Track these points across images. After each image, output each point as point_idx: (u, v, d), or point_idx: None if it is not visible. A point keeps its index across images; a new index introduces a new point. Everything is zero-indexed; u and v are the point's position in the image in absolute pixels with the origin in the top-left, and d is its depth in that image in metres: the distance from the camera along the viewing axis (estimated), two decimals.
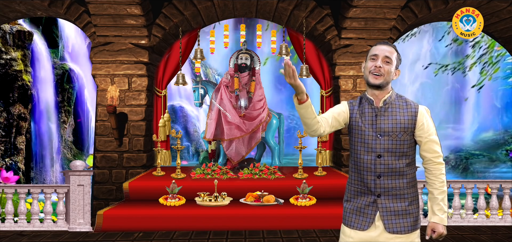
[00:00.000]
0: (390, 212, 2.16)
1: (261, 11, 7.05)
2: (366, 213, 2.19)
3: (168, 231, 5.17)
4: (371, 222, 2.17)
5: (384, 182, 2.16)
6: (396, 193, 2.17)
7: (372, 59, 2.20)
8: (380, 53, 2.18)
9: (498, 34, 7.53)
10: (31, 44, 10.24)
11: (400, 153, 2.17)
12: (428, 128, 2.20)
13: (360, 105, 2.26)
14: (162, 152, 6.84)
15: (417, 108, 2.21)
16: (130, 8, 6.16)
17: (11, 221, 5.39)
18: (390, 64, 2.19)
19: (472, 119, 15.31)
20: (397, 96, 2.24)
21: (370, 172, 2.18)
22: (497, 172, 13.18)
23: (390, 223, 2.15)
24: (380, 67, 2.16)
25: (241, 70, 6.95)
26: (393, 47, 2.23)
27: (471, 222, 5.53)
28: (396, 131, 2.16)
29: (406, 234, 2.16)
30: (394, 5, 6.28)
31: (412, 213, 2.19)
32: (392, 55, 2.19)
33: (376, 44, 2.26)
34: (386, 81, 2.18)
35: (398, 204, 2.17)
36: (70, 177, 5.36)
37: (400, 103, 2.21)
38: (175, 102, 14.29)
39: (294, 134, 8.31)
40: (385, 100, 2.20)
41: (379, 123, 2.17)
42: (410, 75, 16.25)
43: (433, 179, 2.23)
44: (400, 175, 2.17)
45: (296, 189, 5.65)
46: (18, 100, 9.70)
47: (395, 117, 2.17)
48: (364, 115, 2.22)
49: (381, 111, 2.19)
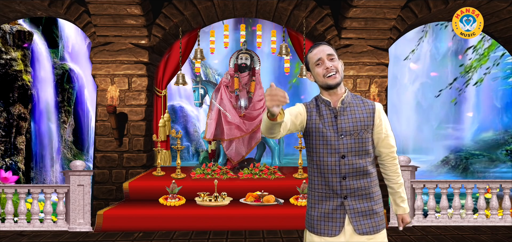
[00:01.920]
0: (358, 213, 2.14)
1: (261, 11, 7.05)
2: (335, 218, 2.14)
3: (168, 231, 5.17)
4: (341, 226, 2.13)
5: (349, 183, 2.14)
6: (362, 193, 2.15)
7: (317, 65, 2.18)
8: (322, 54, 2.16)
9: (498, 34, 7.53)
10: (31, 44, 10.24)
11: (363, 152, 2.15)
12: (385, 124, 2.21)
13: (317, 108, 2.22)
14: (162, 152, 6.84)
15: (374, 105, 2.21)
16: (130, 8, 6.16)
17: (11, 221, 5.39)
18: (335, 59, 2.18)
19: (472, 119, 15.30)
20: (352, 95, 2.24)
21: (335, 174, 2.14)
22: (497, 172, 13.18)
23: (359, 224, 2.13)
24: (331, 67, 2.15)
25: (241, 70, 6.95)
26: (327, 43, 2.22)
27: (471, 222, 5.53)
28: (357, 130, 2.14)
29: (375, 234, 2.14)
30: (394, 5, 6.27)
31: (378, 212, 2.18)
32: (331, 50, 2.19)
33: (310, 50, 2.23)
34: (341, 77, 2.17)
35: (364, 204, 2.15)
36: (70, 177, 5.36)
37: (357, 102, 2.21)
38: (175, 102, 14.29)
39: (294, 134, 8.29)
40: (343, 100, 2.18)
41: (339, 123, 2.15)
42: (410, 75, 16.25)
43: (390, 174, 2.28)
44: (364, 174, 2.16)
45: (296, 189, 5.65)
46: (18, 100, 9.70)
47: (355, 116, 2.16)
48: (323, 117, 2.18)
49: (340, 111, 2.17)
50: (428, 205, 5.59)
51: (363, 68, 6.73)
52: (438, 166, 14.19)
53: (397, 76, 15.77)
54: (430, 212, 5.56)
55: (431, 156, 14.47)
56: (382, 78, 6.79)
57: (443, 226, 5.44)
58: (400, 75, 15.96)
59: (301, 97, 16.28)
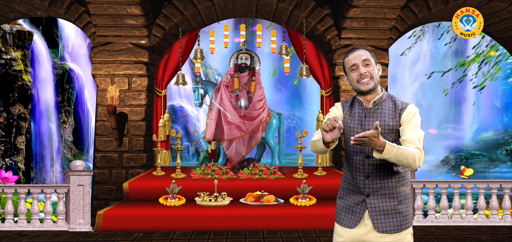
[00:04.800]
0: (378, 212, 2.17)
1: (261, 11, 7.05)
2: (355, 212, 2.22)
3: (168, 231, 5.17)
4: (359, 220, 2.20)
5: (372, 183, 2.18)
6: (385, 192, 2.18)
7: (352, 70, 2.21)
8: (357, 60, 2.19)
9: (498, 34, 7.53)
10: (31, 44, 10.24)
11: None
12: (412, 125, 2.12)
13: (352, 106, 2.29)
14: (162, 152, 6.84)
15: (405, 107, 2.20)
16: (130, 8, 6.16)
17: (11, 221, 5.39)
18: (371, 65, 2.20)
19: (472, 119, 15.30)
20: (388, 97, 2.24)
21: (359, 172, 2.20)
22: (497, 172, 13.19)
23: (379, 222, 2.16)
24: (365, 73, 2.18)
25: (241, 70, 6.95)
26: (364, 48, 2.24)
27: (471, 222, 5.53)
28: (384, 132, 2.16)
29: (395, 233, 2.16)
30: (394, 5, 6.28)
31: (401, 212, 2.18)
32: (368, 55, 2.21)
33: (347, 55, 2.25)
34: (375, 82, 2.19)
35: (387, 203, 2.17)
36: (70, 177, 5.36)
37: (390, 104, 2.22)
38: (175, 102, 14.29)
39: (294, 134, 8.30)
40: (375, 101, 2.21)
41: (367, 124, 2.19)
42: (410, 75, 16.24)
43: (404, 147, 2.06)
44: (388, 174, 2.18)
45: (296, 189, 5.65)
46: (18, 100, 9.70)
47: (384, 118, 2.18)
48: (354, 115, 2.24)
49: (370, 112, 2.20)
50: (428, 205, 5.59)
51: None
52: (438, 166, 14.19)
53: (397, 76, 15.77)
54: (430, 212, 5.56)
55: (431, 156, 14.46)
56: (382, 78, 6.79)
57: (443, 226, 5.44)
58: (400, 75, 15.96)
59: (302, 97, 16.32)
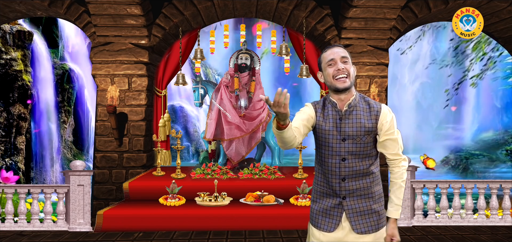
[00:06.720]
0: (356, 213, 2.16)
1: (261, 11, 7.05)
2: (332, 215, 2.18)
3: (168, 231, 5.17)
4: (337, 223, 2.17)
5: (348, 185, 2.16)
6: (360, 193, 2.17)
7: (329, 65, 2.17)
8: (336, 56, 2.16)
9: (498, 34, 7.53)
10: (31, 44, 10.24)
11: (364, 155, 2.16)
12: (389, 128, 2.15)
13: (324, 108, 2.22)
14: (162, 152, 6.84)
15: (380, 108, 2.18)
16: (130, 8, 6.16)
17: (11, 221, 5.39)
18: (348, 63, 2.17)
19: (472, 119, 15.30)
20: (360, 98, 2.21)
21: (335, 175, 2.17)
22: (497, 172, 13.18)
23: (357, 223, 2.15)
24: (342, 69, 2.14)
25: (241, 70, 6.95)
26: (341, 46, 2.23)
27: (471, 222, 5.53)
28: (361, 134, 2.13)
29: (373, 233, 2.15)
30: (394, 5, 6.27)
31: (377, 211, 2.18)
32: (346, 53, 2.19)
33: (324, 51, 2.23)
34: (351, 82, 2.16)
35: (363, 204, 2.16)
36: (70, 177, 5.36)
37: (364, 106, 2.18)
38: (175, 102, 14.29)
39: None
40: (349, 104, 2.16)
41: (343, 127, 2.15)
42: (410, 75, 16.24)
43: (392, 176, 2.22)
44: (363, 175, 2.17)
45: (296, 189, 5.65)
46: (18, 100, 9.70)
47: (359, 121, 2.15)
48: (328, 118, 2.18)
49: (346, 114, 2.16)
50: (428, 205, 5.59)
51: (363, 68, 6.73)
52: (438, 166, 14.19)
53: (397, 76, 15.77)
54: (430, 212, 5.56)
55: (431, 156, 14.46)
56: (382, 78, 6.79)
57: (443, 226, 5.44)
58: (400, 75, 15.96)
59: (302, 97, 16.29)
